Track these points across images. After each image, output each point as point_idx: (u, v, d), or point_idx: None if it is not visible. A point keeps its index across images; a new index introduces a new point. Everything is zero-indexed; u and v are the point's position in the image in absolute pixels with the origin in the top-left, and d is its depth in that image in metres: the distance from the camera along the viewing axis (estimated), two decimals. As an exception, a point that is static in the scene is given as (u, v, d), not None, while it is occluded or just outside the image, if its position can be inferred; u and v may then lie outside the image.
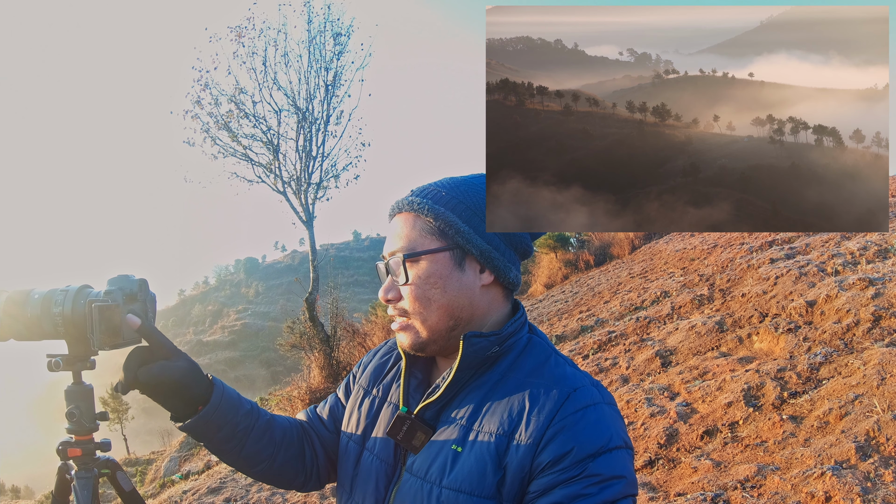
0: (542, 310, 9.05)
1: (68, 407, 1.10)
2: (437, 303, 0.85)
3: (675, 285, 6.42)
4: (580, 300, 8.40)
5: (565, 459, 0.75)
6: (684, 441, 3.16)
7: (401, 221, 0.88)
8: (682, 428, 3.27)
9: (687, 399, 3.57)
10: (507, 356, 0.87)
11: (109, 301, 1.02)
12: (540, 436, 0.77)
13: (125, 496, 1.16)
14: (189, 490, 5.77)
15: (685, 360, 4.26)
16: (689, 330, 4.68)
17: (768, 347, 4.04)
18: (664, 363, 4.34)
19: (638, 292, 6.97)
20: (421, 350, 0.89)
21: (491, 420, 0.82)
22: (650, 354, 4.52)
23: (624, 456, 0.78)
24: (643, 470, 3.09)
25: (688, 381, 3.80)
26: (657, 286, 6.80)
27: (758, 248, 6.47)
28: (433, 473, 0.82)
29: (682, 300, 5.66)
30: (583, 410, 0.78)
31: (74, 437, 1.12)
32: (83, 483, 1.09)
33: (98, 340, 1.01)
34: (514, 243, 0.89)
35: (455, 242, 0.85)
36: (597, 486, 0.74)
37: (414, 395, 0.92)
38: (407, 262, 0.85)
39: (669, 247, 9.13)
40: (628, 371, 4.45)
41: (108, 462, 1.15)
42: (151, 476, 11.24)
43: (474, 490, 0.78)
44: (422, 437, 0.86)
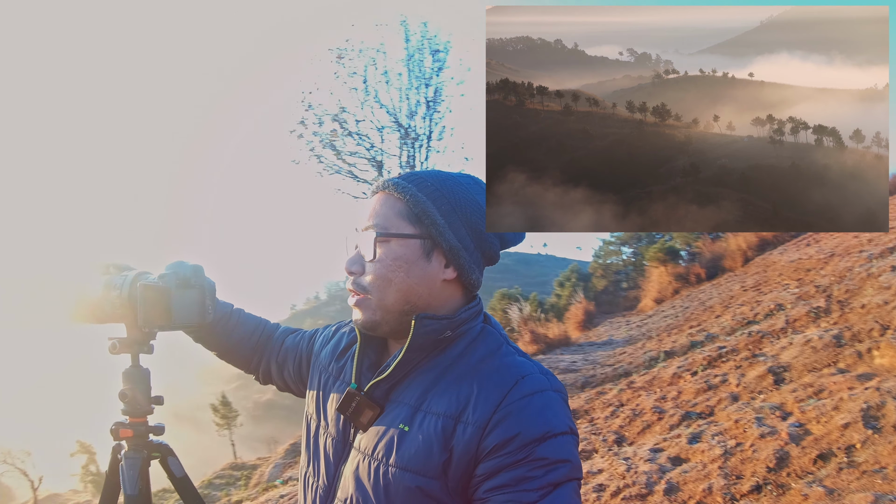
0: (652, 325, 8.66)
1: (122, 388, 1.13)
2: (396, 285, 0.86)
3: (789, 297, 6.02)
4: (690, 315, 8.00)
5: (511, 443, 0.76)
6: (795, 465, 2.89)
7: (381, 199, 0.89)
8: (793, 451, 2.98)
9: (800, 419, 3.27)
10: (459, 342, 0.88)
11: (160, 283, 1.05)
12: (486, 419, 0.78)
13: (176, 482, 1.17)
14: (286, 495, 5.80)
15: (799, 376, 3.91)
16: (804, 345, 4.29)
17: (890, 363, 3.72)
18: (777, 380, 4.01)
19: (751, 306, 6.55)
20: (372, 329, 0.90)
21: (439, 401, 0.83)
22: (762, 371, 4.18)
23: (569, 441, 0.79)
24: (749, 496, 2.85)
25: (801, 400, 3.49)
26: (771, 299, 6.39)
27: (878, 255, 6.02)
28: (380, 451, 0.83)
29: (796, 313, 5.29)
30: (529, 397, 0.79)
31: (129, 418, 1.14)
32: (130, 463, 1.11)
33: (143, 319, 1.04)
34: (483, 247, 0.90)
35: (428, 232, 0.86)
36: (542, 468, 0.75)
37: (366, 374, 0.93)
38: (378, 240, 0.86)
39: (784, 257, 8.57)
40: (738, 388, 4.12)
41: (160, 446, 1.16)
42: (255, 480, 11.38)
43: (420, 469, 0.79)
44: (369, 414, 0.87)
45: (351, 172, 8.77)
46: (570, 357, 7.76)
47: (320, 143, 8.74)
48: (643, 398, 4.71)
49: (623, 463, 3.50)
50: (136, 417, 1.13)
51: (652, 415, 4.25)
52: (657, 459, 3.41)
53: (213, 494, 8.15)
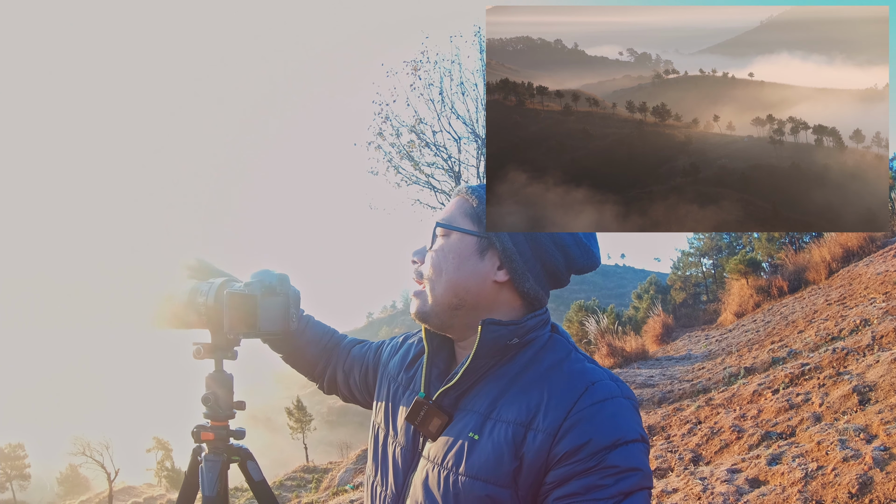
0: (732, 340, 8.47)
1: (205, 392, 1.15)
2: (447, 276, 0.88)
3: (876, 312, 5.76)
4: (772, 329, 7.79)
5: (582, 451, 0.75)
6: (879, 491, 2.76)
7: (456, 201, 0.93)
8: (877, 476, 2.84)
9: (886, 443, 3.13)
10: (528, 350, 0.88)
11: (246, 291, 1.07)
12: (557, 426, 0.77)
13: (254, 486, 1.19)
14: (356, 500, 5.82)
15: (886, 397, 3.75)
16: (891, 363, 4.14)
17: (981, 383, 3.59)
18: (862, 400, 3.86)
19: (835, 321, 6.26)
20: (424, 319, 0.92)
21: (509, 409, 0.82)
22: (847, 390, 4.03)
23: (640, 449, 0.78)
24: (831, 524, 2.81)
25: (888, 422, 3.34)
26: (856, 314, 6.10)
27: (970, 268, 5.88)
28: (449, 460, 0.83)
29: (883, 329, 5.03)
30: (601, 403, 0.78)
31: (210, 421, 1.16)
32: (210, 465, 1.13)
33: (229, 326, 1.06)
34: (544, 259, 0.89)
35: (485, 232, 0.86)
36: (612, 477, 0.74)
37: (435, 382, 0.93)
38: (438, 230, 0.90)
39: (870, 269, 8.23)
40: (822, 408, 3.99)
41: (240, 450, 1.18)
42: (326, 484, 11.53)
43: (490, 477, 0.79)
44: (438, 422, 0.87)
45: (429, 183, 8.96)
46: (648, 371, 7.63)
47: (398, 154, 8.92)
48: (722, 416, 4.57)
49: (699, 483, 3.39)
50: (218, 421, 1.15)
51: (730, 434, 4.11)
52: (735, 481, 3.29)
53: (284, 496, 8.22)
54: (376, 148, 8.97)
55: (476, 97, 8.86)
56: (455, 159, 8.92)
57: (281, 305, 1.11)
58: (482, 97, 8.89)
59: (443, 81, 8.80)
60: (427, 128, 8.84)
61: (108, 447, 26.69)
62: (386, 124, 8.89)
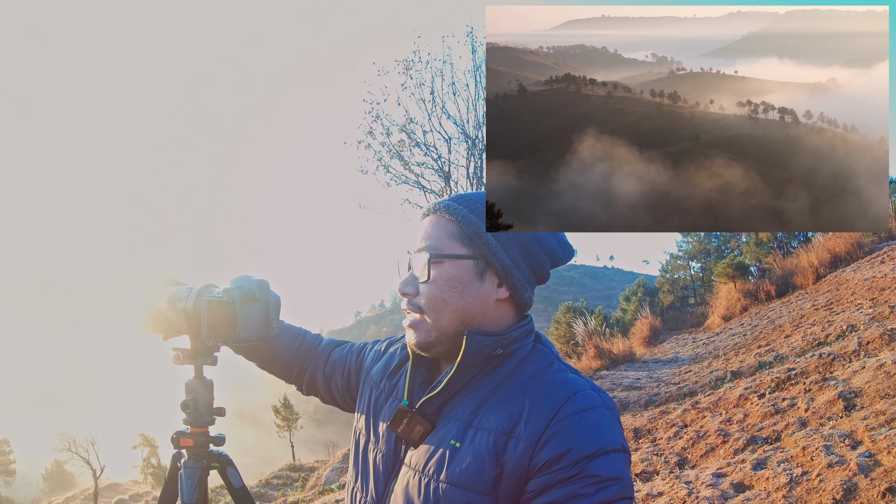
0: (719, 343, 8.33)
1: (185, 398, 1.11)
2: (451, 306, 0.86)
3: (863, 318, 5.69)
4: (759, 334, 7.69)
5: (563, 459, 0.75)
6: (863, 498, 2.73)
7: (433, 222, 0.89)
8: (861, 482, 2.80)
9: (870, 449, 3.09)
10: (511, 359, 0.87)
11: (224, 297, 1.03)
12: (539, 435, 0.77)
13: (234, 492, 1.15)
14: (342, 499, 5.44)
15: (871, 403, 3.70)
16: (876, 369, 4.05)
17: (969, 391, 3.50)
18: (847, 406, 3.80)
19: (822, 326, 6.22)
20: (426, 350, 0.89)
21: (491, 417, 0.81)
22: (832, 396, 3.97)
23: (622, 459, 0.77)
24: (815, 531, 2.72)
25: (873, 429, 3.29)
26: (843, 319, 6.03)
27: (956, 273, 5.53)
28: (431, 467, 0.82)
29: (870, 335, 4.97)
30: (582, 413, 0.78)
31: (190, 428, 1.12)
32: (189, 472, 1.09)
33: (207, 333, 1.02)
34: (535, 266, 0.91)
35: (480, 253, 0.86)
36: (594, 486, 0.73)
37: (418, 391, 0.92)
38: (432, 261, 0.86)
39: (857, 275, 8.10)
40: (807, 414, 3.93)
41: (220, 456, 1.14)
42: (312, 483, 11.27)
43: (471, 485, 0.78)
44: (420, 430, 0.86)
45: (418, 183, 8.80)
46: (635, 374, 7.45)
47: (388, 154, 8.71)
48: (708, 420, 4.50)
49: (684, 487, 3.36)
50: (198, 427, 1.12)
51: (716, 437, 4.07)
52: (719, 485, 3.26)
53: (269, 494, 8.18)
54: (366, 147, 8.79)
55: (467, 98, 8.64)
56: (445, 159, 8.75)
57: (260, 311, 1.08)
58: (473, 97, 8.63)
59: (434, 81, 8.62)
60: (417, 127, 8.69)
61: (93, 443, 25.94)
62: (376, 123, 8.71)
